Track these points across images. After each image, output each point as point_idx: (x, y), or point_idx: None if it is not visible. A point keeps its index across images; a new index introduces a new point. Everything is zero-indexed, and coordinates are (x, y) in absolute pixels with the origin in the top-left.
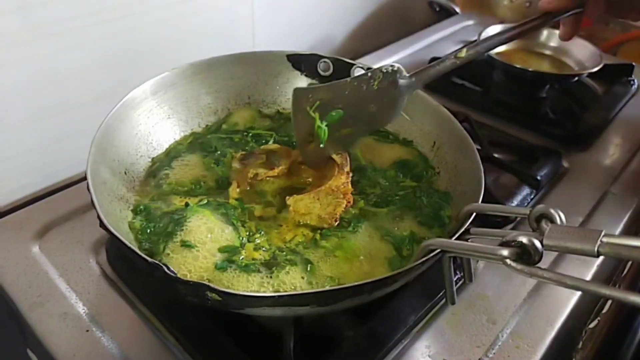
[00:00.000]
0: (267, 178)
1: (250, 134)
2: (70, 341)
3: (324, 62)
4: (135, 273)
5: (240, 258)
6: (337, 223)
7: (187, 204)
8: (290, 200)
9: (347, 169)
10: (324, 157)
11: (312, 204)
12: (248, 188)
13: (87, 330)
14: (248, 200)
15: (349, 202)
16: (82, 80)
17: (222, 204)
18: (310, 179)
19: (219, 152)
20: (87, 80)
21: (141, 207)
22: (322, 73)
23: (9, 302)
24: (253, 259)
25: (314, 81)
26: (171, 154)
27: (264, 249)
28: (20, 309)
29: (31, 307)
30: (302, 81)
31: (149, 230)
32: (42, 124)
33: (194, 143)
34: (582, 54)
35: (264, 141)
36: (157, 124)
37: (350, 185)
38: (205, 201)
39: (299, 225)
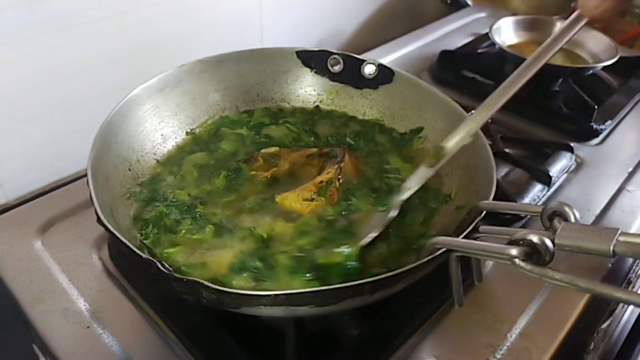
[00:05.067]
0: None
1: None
2: (71, 337)
3: (334, 58)
4: (137, 270)
5: None
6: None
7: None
8: (278, 198)
9: (339, 164)
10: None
11: (295, 203)
12: None
13: (88, 327)
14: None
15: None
16: (90, 76)
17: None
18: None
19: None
20: (94, 76)
21: (145, 203)
22: (332, 70)
23: (12, 297)
24: None
25: (324, 78)
26: (176, 152)
27: None
28: (22, 304)
29: (32, 303)
30: (312, 78)
31: (152, 227)
32: (49, 119)
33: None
34: (597, 46)
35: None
36: (163, 121)
37: (337, 183)
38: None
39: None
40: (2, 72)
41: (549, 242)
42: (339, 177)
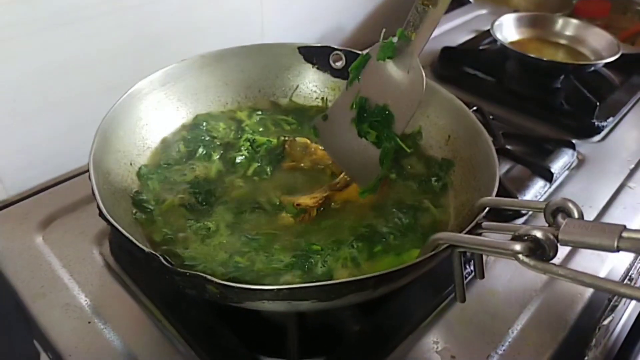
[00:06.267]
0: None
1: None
2: (73, 332)
3: (336, 54)
4: (138, 265)
5: None
6: None
7: None
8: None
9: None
10: None
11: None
12: None
13: (90, 322)
14: None
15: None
16: (91, 71)
17: None
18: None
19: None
20: (95, 71)
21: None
22: (334, 65)
23: (13, 292)
24: None
25: (325, 74)
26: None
27: None
28: (23, 299)
29: (34, 298)
30: (314, 74)
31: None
32: (51, 114)
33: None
34: (598, 43)
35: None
36: (165, 116)
37: (314, 212)
38: None
39: None
40: (4, 67)
41: (552, 238)
42: (319, 205)
